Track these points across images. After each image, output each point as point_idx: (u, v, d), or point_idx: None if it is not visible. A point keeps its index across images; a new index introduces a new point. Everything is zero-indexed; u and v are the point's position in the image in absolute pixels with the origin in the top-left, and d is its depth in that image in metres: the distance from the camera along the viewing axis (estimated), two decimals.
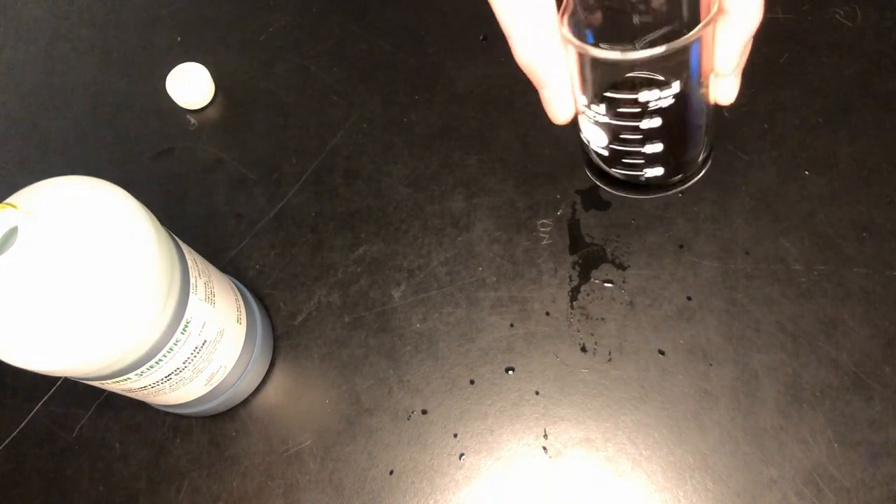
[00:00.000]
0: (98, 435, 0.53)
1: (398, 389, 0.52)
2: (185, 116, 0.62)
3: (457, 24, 0.63)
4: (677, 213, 0.55)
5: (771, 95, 0.58)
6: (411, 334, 0.53)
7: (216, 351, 0.46)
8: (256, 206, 0.58)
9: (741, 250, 0.53)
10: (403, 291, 0.55)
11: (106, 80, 0.65)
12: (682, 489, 0.47)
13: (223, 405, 0.51)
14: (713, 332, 0.51)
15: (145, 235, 0.39)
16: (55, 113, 0.64)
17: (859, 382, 0.49)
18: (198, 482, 0.51)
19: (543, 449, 0.49)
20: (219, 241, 0.57)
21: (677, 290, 0.52)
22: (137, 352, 0.40)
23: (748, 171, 0.55)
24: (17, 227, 0.35)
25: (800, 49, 0.59)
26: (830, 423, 0.48)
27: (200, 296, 0.44)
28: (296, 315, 0.55)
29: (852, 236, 0.53)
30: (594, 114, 0.31)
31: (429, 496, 0.49)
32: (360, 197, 0.58)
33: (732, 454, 0.48)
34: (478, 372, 0.52)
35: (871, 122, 0.56)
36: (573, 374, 0.51)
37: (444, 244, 0.56)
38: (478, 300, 0.54)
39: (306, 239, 0.57)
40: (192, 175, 0.60)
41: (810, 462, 0.47)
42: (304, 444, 0.51)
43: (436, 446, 0.50)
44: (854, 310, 0.51)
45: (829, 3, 0.60)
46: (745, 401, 0.49)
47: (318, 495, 0.50)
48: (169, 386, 0.44)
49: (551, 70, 0.30)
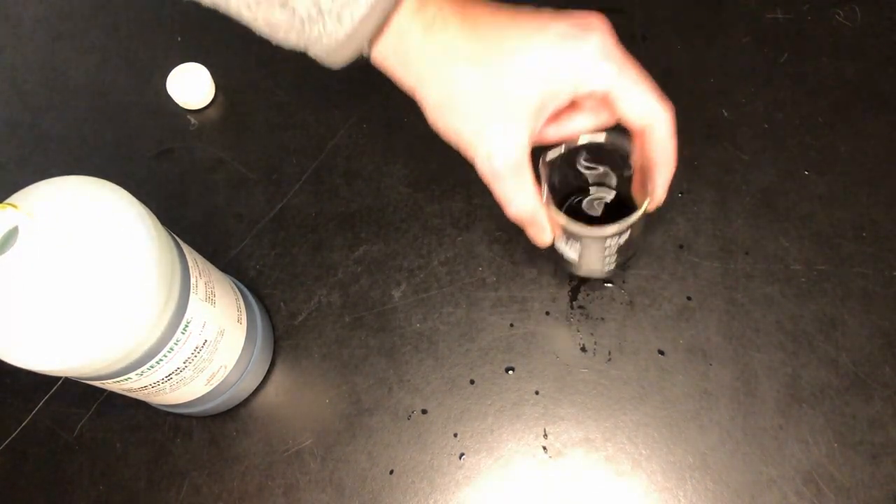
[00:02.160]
0: (98, 435, 0.53)
1: (398, 389, 0.52)
2: (186, 116, 0.62)
3: None
4: (677, 213, 0.55)
5: (771, 95, 0.58)
6: (411, 334, 0.53)
7: (216, 351, 0.46)
8: (256, 206, 0.58)
9: (741, 250, 0.53)
10: (403, 291, 0.55)
11: (106, 80, 0.65)
12: (682, 489, 0.48)
13: (223, 405, 0.51)
14: (713, 331, 0.51)
15: (145, 235, 0.39)
16: (55, 113, 0.64)
17: (859, 382, 0.49)
18: (198, 482, 0.51)
19: (543, 449, 0.49)
20: (219, 241, 0.57)
21: (677, 290, 0.52)
22: (138, 352, 0.40)
23: (748, 171, 0.55)
24: (17, 227, 0.36)
25: (800, 49, 0.59)
26: (830, 422, 0.48)
27: (201, 296, 0.44)
28: (296, 315, 0.55)
29: (852, 236, 0.53)
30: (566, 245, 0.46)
31: (429, 496, 0.49)
32: (360, 197, 0.58)
33: (732, 454, 0.48)
34: (478, 372, 0.52)
35: (871, 122, 0.56)
36: (573, 373, 0.51)
37: (444, 244, 0.56)
38: (478, 300, 0.54)
39: (306, 239, 0.57)
40: (192, 175, 0.60)
41: (810, 462, 0.47)
42: (304, 443, 0.51)
43: (436, 446, 0.50)
44: (854, 310, 0.51)
45: (829, 4, 0.60)
46: (745, 400, 0.49)
47: (319, 495, 0.50)
48: (169, 386, 0.44)
49: (533, 218, 0.41)
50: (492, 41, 0.36)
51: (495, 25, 0.36)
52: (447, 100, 0.37)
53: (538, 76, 0.36)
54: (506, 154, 0.37)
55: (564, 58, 0.36)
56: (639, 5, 0.62)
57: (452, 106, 0.37)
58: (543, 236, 0.43)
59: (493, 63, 0.36)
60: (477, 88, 0.36)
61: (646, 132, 0.38)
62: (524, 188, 0.39)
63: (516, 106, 0.37)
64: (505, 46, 0.36)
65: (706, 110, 0.58)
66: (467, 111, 0.37)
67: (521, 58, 0.36)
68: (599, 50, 0.36)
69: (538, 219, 0.41)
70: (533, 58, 0.36)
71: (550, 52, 0.36)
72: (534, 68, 0.36)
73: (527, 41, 0.36)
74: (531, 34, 0.36)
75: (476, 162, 0.39)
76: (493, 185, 0.39)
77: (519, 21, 0.37)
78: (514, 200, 0.39)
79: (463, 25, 0.36)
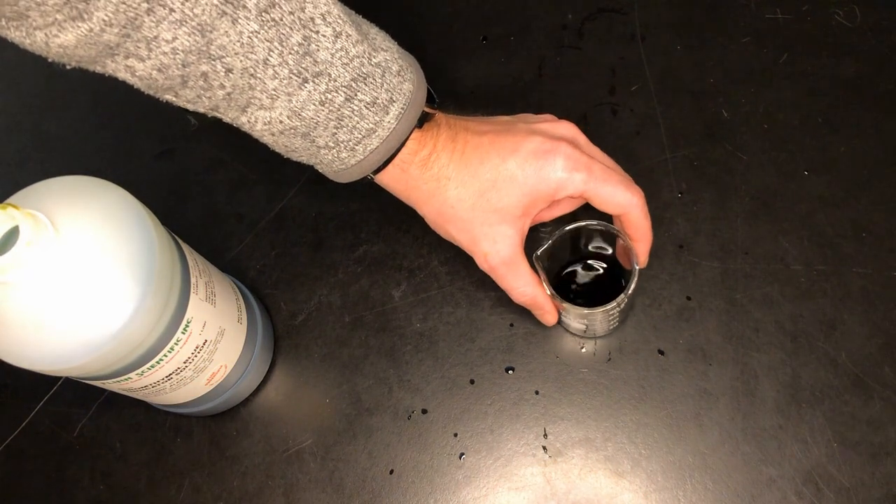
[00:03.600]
0: (99, 435, 0.53)
1: (398, 389, 0.52)
2: (186, 116, 0.62)
3: (457, 24, 0.63)
4: (677, 213, 0.55)
5: (771, 95, 0.58)
6: (411, 334, 0.53)
7: (217, 351, 0.46)
8: (257, 206, 0.58)
9: (740, 250, 0.53)
10: (404, 291, 0.55)
11: (106, 79, 0.65)
12: (682, 488, 0.48)
13: (224, 405, 0.51)
14: (713, 331, 0.51)
15: (145, 235, 0.39)
16: (55, 113, 0.64)
17: (859, 382, 0.49)
18: (198, 482, 0.51)
19: (543, 448, 0.49)
20: (219, 241, 0.57)
21: (677, 290, 0.52)
22: (138, 351, 0.40)
23: (748, 171, 0.55)
24: (17, 227, 0.36)
25: (800, 49, 0.59)
26: (830, 422, 0.48)
27: (201, 296, 0.44)
28: (296, 315, 0.55)
29: (852, 236, 0.53)
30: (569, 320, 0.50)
31: (429, 496, 0.49)
32: (360, 197, 0.58)
33: (732, 454, 0.48)
34: (478, 372, 0.52)
35: (871, 122, 0.56)
36: (573, 373, 0.51)
37: (444, 244, 0.56)
38: (478, 300, 0.54)
39: (307, 239, 0.57)
40: (192, 175, 0.60)
41: (810, 462, 0.47)
42: (304, 443, 0.51)
43: (436, 446, 0.50)
44: (853, 310, 0.51)
45: (829, 4, 0.60)
46: (745, 400, 0.49)
47: (319, 495, 0.50)
48: (170, 385, 0.44)
49: (534, 300, 0.47)
50: (476, 167, 0.44)
51: (478, 152, 0.44)
52: (443, 216, 0.45)
53: (518, 191, 0.44)
54: (499, 254, 0.45)
55: (538, 175, 0.43)
56: (639, 5, 0.62)
57: (448, 220, 0.45)
58: (547, 318, 0.49)
59: (479, 184, 0.44)
60: (467, 205, 0.44)
61: (622, 217, 0.45)
62: (521, 277, 0.46)
63: (502, 215, 0.44)
64: (486, 169, 0.44)
65: (706, 110, 0.58)
66: (461, 224, 0.45)
67: (501, 177, 0.44)
68: (567, 164, 0.43)
69: (539, 301, 0.47)
70: (511, 177, 0.43)
71: (524, 171, 0.43)
72: (513, 185, 0.43)
73: (504, 164, 0.43)
74: (507, 157, 0.43)
75: (477, 261, 0.46)
76: (495, 278, 0.46)
77: (498, 144, 0.44)
78: (514, 289, 0.46)
79: (452, 156, 0.44)
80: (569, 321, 0.50)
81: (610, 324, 0.50)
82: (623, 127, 0.57)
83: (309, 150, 0.41)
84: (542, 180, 0.43)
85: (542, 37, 0.61)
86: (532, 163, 0.43)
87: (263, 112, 0.39)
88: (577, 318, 0.48)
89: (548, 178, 0.43)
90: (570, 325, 0.51)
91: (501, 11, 0.63)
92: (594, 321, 0.48)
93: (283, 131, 0.40)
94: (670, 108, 0.58)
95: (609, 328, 0.51)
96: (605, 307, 0.45)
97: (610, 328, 0.51)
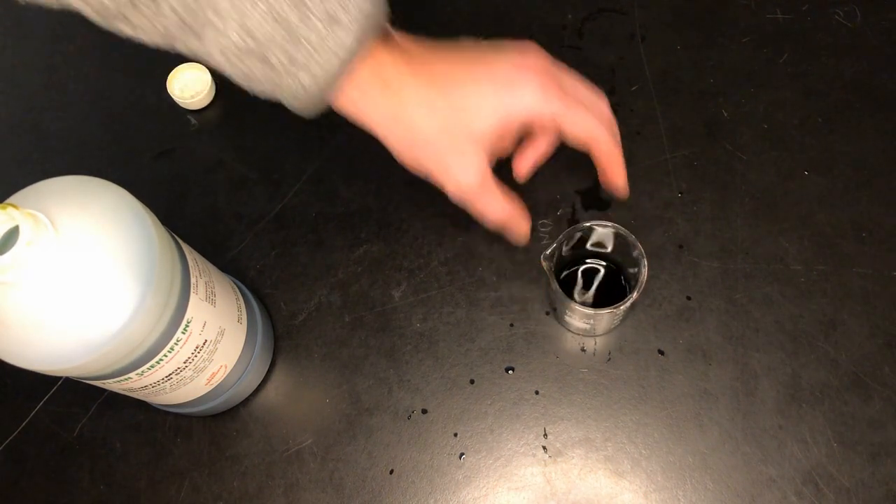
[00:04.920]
0: (99, 435, 0.53)
1: (398, 389, 0.52)
2: (186, 116, 0.63)
3: (456, 24, 0.63)
4: (677, 213, 0.55)
5: (771, 95, 0.58)
6: (411, 334, 0.53)
7: (217, 351, 0.46)
8: (257, 206, 0.58)
9: (740, 250, 0.53)
10: (404, 291, 0.55)
11: (106, 80, 0.65)
12: (682, 488, 0.48)
13: (224, 405, 0.51)
14: (713, 331, 0.51)
15: (145, 235, 0.39)
16: (55, 113, 0.64)
17: (858, 382, 0.49)
18: (198, 482, 0.51)
19: (543, 448, 0.49)
20: (219, 241, 0.57)
21: (677, 290, 0.52)
22: (138, 351, 0.40)
23: (748, 171, 0.55)
24: (17, 227, 0.36)
25: (800, 49, 0.59)
26: (830, 422, 0.48)
27: (201, 295, 0.44)
28: (296, 315, 0.55)
29: (852, 236, 0.53)
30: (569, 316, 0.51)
31: (429, 496, 0.49)
32: (360, 197, 0.58)
33: (732, 454, 0.48)
34: (478, 372, 0.52)
35: (871, 122, 0.56)
36: (573, 373, 0.51)
37: (444, 244, 0.56)
38: (478, 300, 0.54)
39: (306, 239, 0.57)
40: (192, 175, 0.60)
41: (809, 462, 0.47)
42: (304, 443, 0.51)
43: (436, 446, 0.50)
44: (853, 310, 0.51)
45: (829, 4, 0.60)
46: (745, 400, 0.49)
47: (319, 495, 0.50)
48: (170, 385, 0.44)
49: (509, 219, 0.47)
50: (448, 90, 0.43)
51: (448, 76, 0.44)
52: (409, 141, 0.44)
53: (493, 114, 0.44)
54: (470, 177, 0.44)
55: (511, 100, 0.44)
56: (638, 5, 0.62)
57: (415, 145, 0.44)
58: (523, 229, 0.48)
59: (449, 108, 0.43)
60: (435, 129, 0.43)
61: (591, 145, 0.46)
62: (494, 198, 0.46)
63: (473, 140, 0.44)
64: (459, 94, 0.43)
65: (706, 110, 0.58)
66: (430, 148, 0.44)
67: (473, 102, 0.44)
68: (540, 88, 0.44)
69: (514, 218, 0.47)
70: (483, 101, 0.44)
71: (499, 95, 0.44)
72: (488, 109, 0.44)
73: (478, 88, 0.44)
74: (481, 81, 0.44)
75: (446, 188, 0.45)
76: (467, 204, 0.46)
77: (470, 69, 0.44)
78: (490, 211, 0.46)
79: (418, 79, 0.43)
80: (572, 321, 0.50)
81: (614, 324, 0.50)
82: (623, 127, 0.57)
83: (269, 76, 0.40)
84: (514, 104, 0.44)
85: (542, 37, 0.61)
86: (506, 87, 0.44)
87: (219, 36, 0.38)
88: (583, 318, 0.48)
89: (520, 102, 0.44)
90: (573, 325, 0.51)
91: (501, 11, 0.63)
92: (600, 321, 0.48)
93: (240, 56, 0.39)
94: (670, 108, 0.58)
95: (612, 327, 0.51)
96: (613, 308, 0.45)
97: (613, 327, 0.52)
